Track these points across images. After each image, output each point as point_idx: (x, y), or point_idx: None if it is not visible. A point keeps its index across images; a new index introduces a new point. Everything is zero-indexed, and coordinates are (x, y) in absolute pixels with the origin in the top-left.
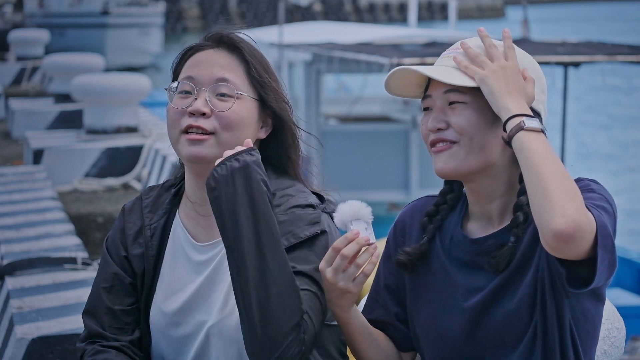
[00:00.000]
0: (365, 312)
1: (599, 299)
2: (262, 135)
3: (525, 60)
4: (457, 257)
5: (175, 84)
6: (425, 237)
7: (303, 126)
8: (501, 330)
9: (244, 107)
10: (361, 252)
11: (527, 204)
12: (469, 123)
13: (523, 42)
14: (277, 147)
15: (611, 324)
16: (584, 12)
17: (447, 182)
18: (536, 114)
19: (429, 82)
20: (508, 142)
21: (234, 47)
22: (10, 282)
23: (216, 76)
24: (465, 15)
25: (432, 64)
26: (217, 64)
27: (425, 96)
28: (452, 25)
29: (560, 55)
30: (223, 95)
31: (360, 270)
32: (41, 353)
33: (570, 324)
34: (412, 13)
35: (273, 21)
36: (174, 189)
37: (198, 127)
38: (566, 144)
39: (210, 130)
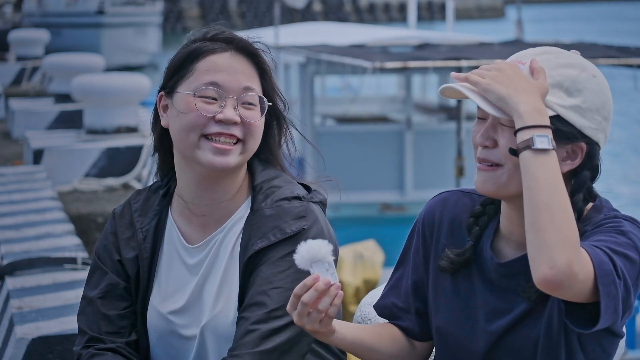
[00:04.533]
0: (391, 295)
1: (615, 334)
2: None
3: (589, 87)
4: (485, 273)
5: (195, 87)
6: (471, 242)
7: (298, 126)
8: (517, 352)
9: (262, 115)
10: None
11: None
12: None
13: (516, 43)
14: (265, 141)
15: None
16: (584, 12)
17: None
18: (593, 144)
19: None
20: (516, 153)
21: (251, 54)
22: (10, 282)
23: (243, 85)
24: (465, 15)
25: (416, 68)
26: (240, 71)
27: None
28: (450, 26)
29: None
30: (250, 104)
31: (323, 314)
32: (41, 353)
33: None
34: (412, 13)
35: (273, 21)
36: (162, 190)
37: (230, 135)
38: None
39: (240, 137)
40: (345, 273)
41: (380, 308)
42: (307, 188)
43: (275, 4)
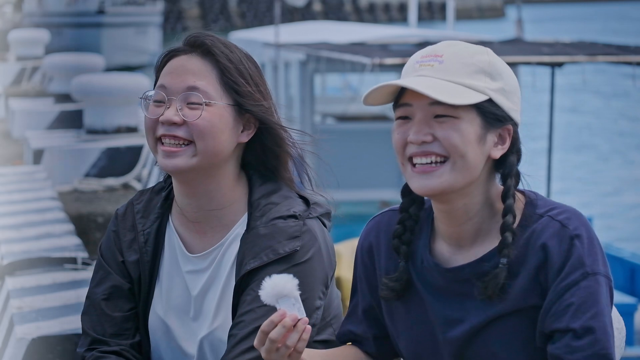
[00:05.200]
0: (348, 322)
1: None
2: (244, 138)
3: (504, 70)
4: (431, 283)
5: (150, 93)
6: (402, 263)
7: (298, 125)
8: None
9: (215, 114)
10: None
11: (513, 223)
12: (461, 140)
13: (516, 42)
14: (262, 150)
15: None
16: (585, 12)
17: (405, 195)
18: (515, 124)
19: (404, 89)
20: None
21: (207, 52)
22: (10, 282)
23: (187, 84)
24: (465, 15)
25: None
26: (189, 71)
27: (401, 104)
28: (450, 26)
29: (542, 55)
30: (193, 103)
31: (292, 349)
32: (41, 353)
33: None
34: (412, 13)
35: (273, 21)
36: (164, 192)
37: (172, 137)
38: (553, 143)
39: (187, 138)
40: (343, 269)
41: (341, 336)
42: (307, 201)
43: (275, 3)
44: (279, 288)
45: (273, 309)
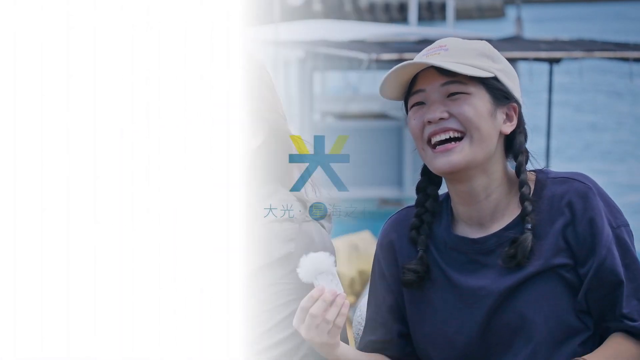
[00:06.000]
0: (367, 333)
1: None
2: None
3: (502, 57)
4: (456, 260)
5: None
6: (421, 251)
7: (297, 123)
8: (512, 333)
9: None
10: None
11: (529, 193)
12: (475, 114)
13: (515, 40)
14: (276, 153)
15: None
16: (585, 12)
17: (420, 191)
18: (519, 104)
19: (414, 80)
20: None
21: None
22: None
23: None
24: (465, 15)
25: (411, 59)
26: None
27: (414, 91)
28: (450, 26)
29: (540, 51)
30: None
31: (331, 325)
32: None
33: None
34: (413, 13)
35: (272, 20)
36: None
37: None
38: (552, 139)
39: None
40: (340, 264)
41: (362, 349)
42: (304, 204)
43: (274, 1)
44: (317, 264)
45: (277, 313)
